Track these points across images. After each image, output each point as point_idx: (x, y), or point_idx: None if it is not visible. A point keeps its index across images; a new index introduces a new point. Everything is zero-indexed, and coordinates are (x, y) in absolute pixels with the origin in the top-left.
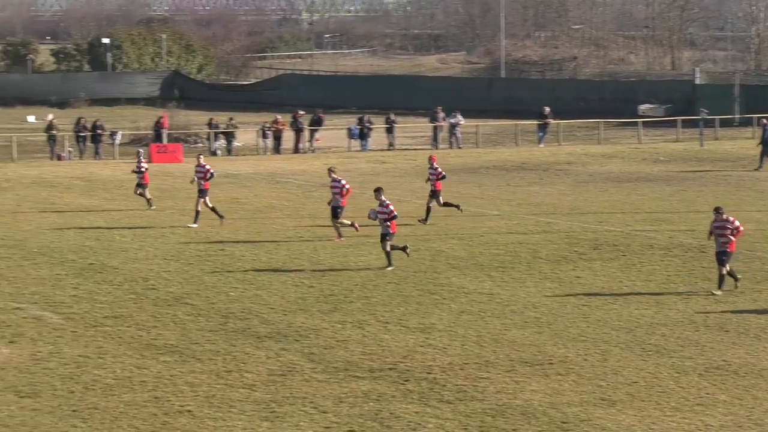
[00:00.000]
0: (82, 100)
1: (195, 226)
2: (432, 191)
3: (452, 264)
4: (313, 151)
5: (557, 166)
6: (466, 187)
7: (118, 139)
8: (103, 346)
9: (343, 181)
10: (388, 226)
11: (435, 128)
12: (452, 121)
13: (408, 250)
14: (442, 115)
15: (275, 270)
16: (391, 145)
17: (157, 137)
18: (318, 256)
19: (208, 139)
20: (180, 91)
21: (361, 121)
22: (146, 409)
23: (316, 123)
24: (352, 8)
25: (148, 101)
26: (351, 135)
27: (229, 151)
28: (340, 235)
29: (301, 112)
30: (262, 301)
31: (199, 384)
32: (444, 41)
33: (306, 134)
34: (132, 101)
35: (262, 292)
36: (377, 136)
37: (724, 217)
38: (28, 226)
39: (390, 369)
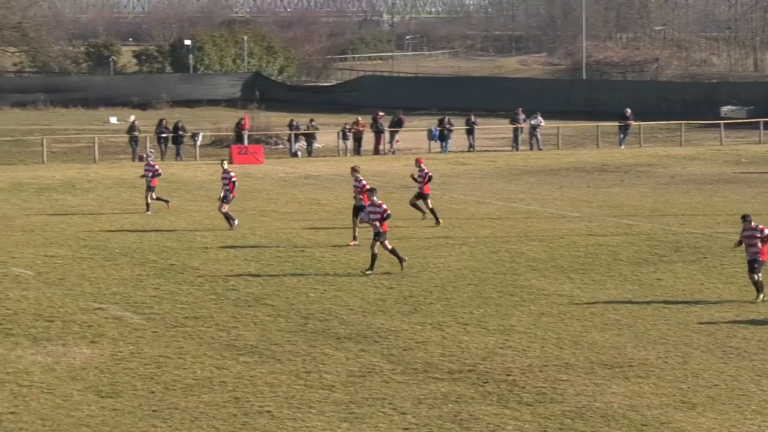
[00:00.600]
0: (163, 101)
1: (232, 228)
2: (418, 193)
3: (532, 266)
4: (393, 153)
5: (638, 168)
6: (547, 188)
7: (200, 140)
8: (184, 346)
9: (364, 181)
10: (380, 226)
11: (515, 130)
12: (533, 122)
13: (404, 264)
14: (522, 116)
15: (355, 271)
16: (471, 146)
17: (238, 139)
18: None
19: (289, 140)
20: (261, 92)
21: (441, 122)
22: (226, 410)
23: (397, 124)
24: (433, 10)
25: (229, 103)
26: (431, 136)
27: (309, 152)
28: (354, 238)
29: (382, 114)
30: (341, 302)
31: (279, 385)
32: (525, 43)
33: (386, 136)
34: (213, 102)
35: (341, 293)
36: (457, 137)
37: (753, 225)
38: (110, 226)
39: (469, 371)
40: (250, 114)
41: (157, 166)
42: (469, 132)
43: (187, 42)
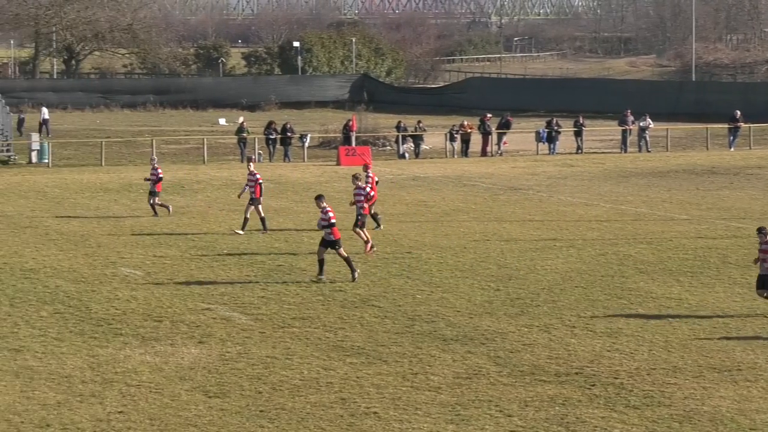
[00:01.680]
0: (272, 103)
1: (265, 231)
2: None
3: (640, 269)
4: (500, 155)
5: (748, 170)
6: (655, 191)
7: (308, 141)
8: (291, 347)
9: (368, 189)
10: (330, 233)
11: (624, 131)
12: (642, 124)
13: (356, 275)
14: (631, 118)
15: (462, 273)
16: (579, 148)
17: (346, 140)
18: (505, 259)
19: (396, 142)
20: (369, 94)
21: (549, 124)
22: (332, 411)
23: (504, 126)
24: (541, 11)
25: (337, 104)
26: (539, 138)
27: (416, 154)
28: (368, 242)
29: (489, 116)
30: (448, 304)
31: (385, 386)
32: (634, 44)
33: (494, 137)
34: (321, 104)
35: (448, 295)
36: (565, 139)
37: None
38: (218, 227)
39: (576, 373)
40: (358, 116)
41: (160, 171)
42: (577, 134)
43: (296, 44)
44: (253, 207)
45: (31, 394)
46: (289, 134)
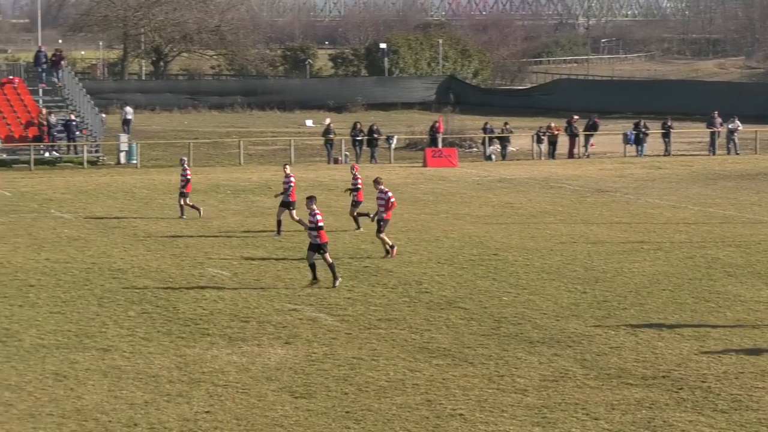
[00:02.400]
0: (358, 104)
1: (278, 237)
2: (354, 202)
3: (728, 272)
4: (588, 157)
5: None
6: (744, 193)
7: (394, 143)
8: (377, 348)
9: (390, 194)
10: (317, 236)
11: (712, 134)
12: (730, 126)
13: (338, 282)
14: (719, 120)
15: (549, 275)
16: (667, 150)
17: (432, 142)
18: (592, 261)
19: (483, 143)
20: (455, 95)
21: (637, 126)
22: (418, 412)
23: (592, 128)
24: (629, 12)
25: (424, 106)
26: (627, 140)
27: (503, 155)
28: (389, 248)
29: (576, 117)
30: (534, 306)
31: (471, 388)
32: (722, 46)
33: (581, 139)
34: (407, 106)
35: (534, 297)
36: (653, 141)
37: None
38: (301, 227)
39: (663, 377)
40: (445, 117)
41: (189, 172)
42: (665, 136)
43: (383, 45)
44: (286, 210)
45: (118, 393)
46: (375, 136)
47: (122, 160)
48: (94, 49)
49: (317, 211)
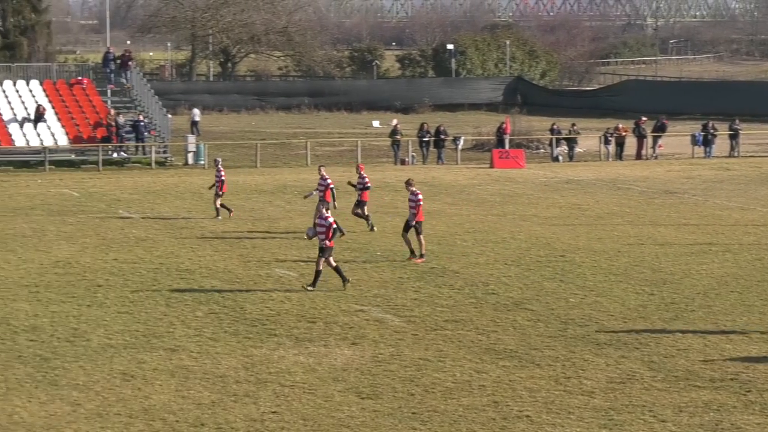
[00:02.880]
0: (425, 105)
1: (343, 234)
2: (358, 201)
3: None
4: (655, 158)
5: None
6: None
7: (461, 144)
8: (443, 349)
9: (420, 196)
10: (325, 240)
11: None
12: None
13: (347, 284)
14: None
15: (616, 277)
16: (735, 152)
17: (499, 143)
18: (659, 263)
19: (550, 144)
20: (522, 96)
21: (705, 127)
22: (485, 413)
23: (660, 129)
24: (697, 13)
25: (491, 107)
26: (695, 142)
27: (570, 157)
28: (414, 254)
29: (644, 119)
30: (601, 308)
31: (538, 389)
32: None
33: (649, 141)
34: (474, 107)
35: (602, 299)
36: (721, 142)
37: None
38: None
39: (731, 379)
40: (512, 118)
41: (223, 174)
42: (733, 137)
43: (450, 46)
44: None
45: (186, 393)
46: (442, 137)
47: (190, 160)
48: (163, 51)
49: (327, 214)
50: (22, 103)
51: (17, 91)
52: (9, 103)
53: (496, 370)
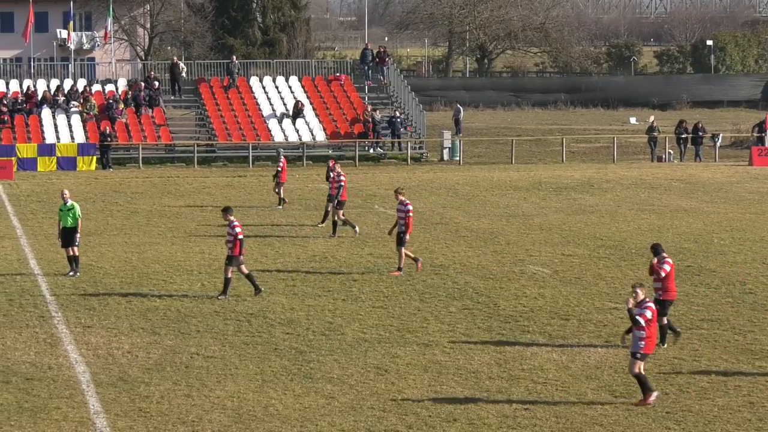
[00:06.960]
0: (683, 102)
1: (357, 233)
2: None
3: None
4: None
5: None
6: None
7: (719, 141)
8: (699, 348)
9: (410, 207)
10: (231, 248)
11: None
12: None
13: (259, 293)
14: None
15: None
16: None
17: (759, 140)
18: None
19: None
20: None
21: None
22: (740, 414)
23: None
24: None
25: (750, 104)
26: None
27: None
28: (417, 260)
29: None
30: None
31: None
32: None
33: None
34: (734, 104)
35: None
36: None
37: None
38: (627, 226)
39: None
40: None
41: (281, 163)
42: None
43: (709, 42)
44: (340, 210)
45: (438, 388)
46: (700, 134)
47: (445, 156)
48: (419, 47)
49: (236, 223)
50: (281, 98)
51: (276, 87)
52: (268, 98)
53: (752, 371)
